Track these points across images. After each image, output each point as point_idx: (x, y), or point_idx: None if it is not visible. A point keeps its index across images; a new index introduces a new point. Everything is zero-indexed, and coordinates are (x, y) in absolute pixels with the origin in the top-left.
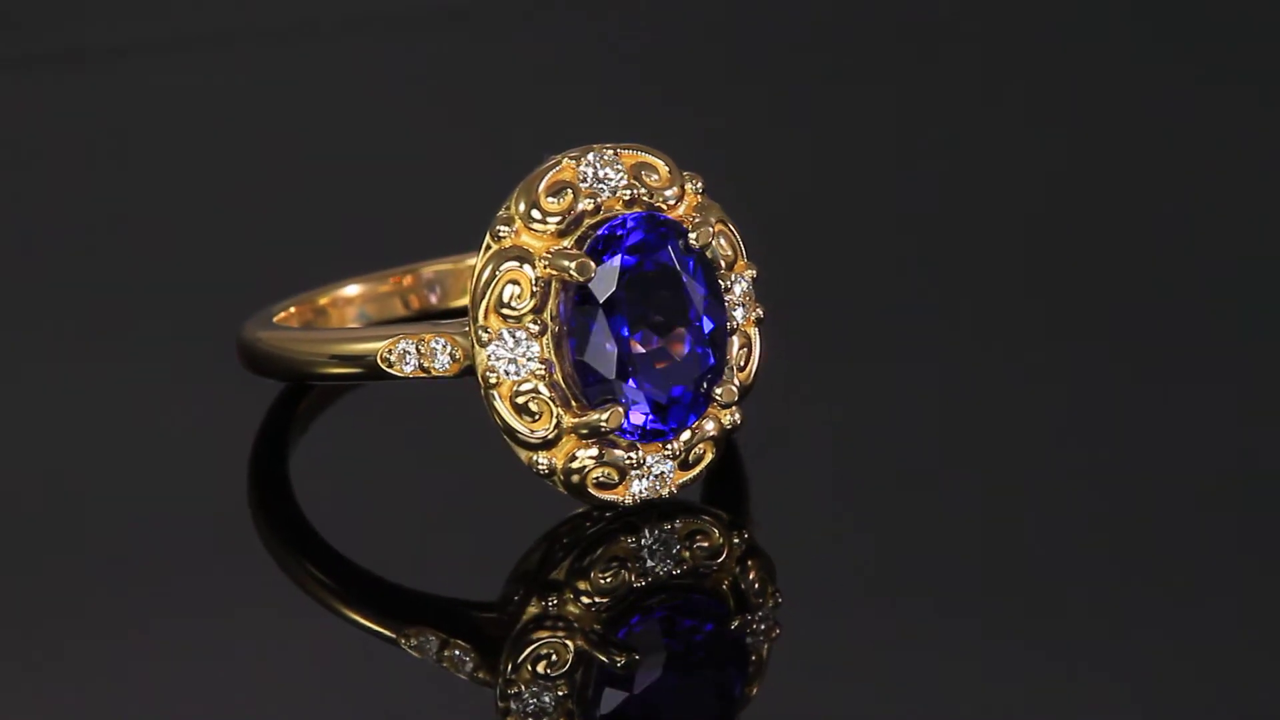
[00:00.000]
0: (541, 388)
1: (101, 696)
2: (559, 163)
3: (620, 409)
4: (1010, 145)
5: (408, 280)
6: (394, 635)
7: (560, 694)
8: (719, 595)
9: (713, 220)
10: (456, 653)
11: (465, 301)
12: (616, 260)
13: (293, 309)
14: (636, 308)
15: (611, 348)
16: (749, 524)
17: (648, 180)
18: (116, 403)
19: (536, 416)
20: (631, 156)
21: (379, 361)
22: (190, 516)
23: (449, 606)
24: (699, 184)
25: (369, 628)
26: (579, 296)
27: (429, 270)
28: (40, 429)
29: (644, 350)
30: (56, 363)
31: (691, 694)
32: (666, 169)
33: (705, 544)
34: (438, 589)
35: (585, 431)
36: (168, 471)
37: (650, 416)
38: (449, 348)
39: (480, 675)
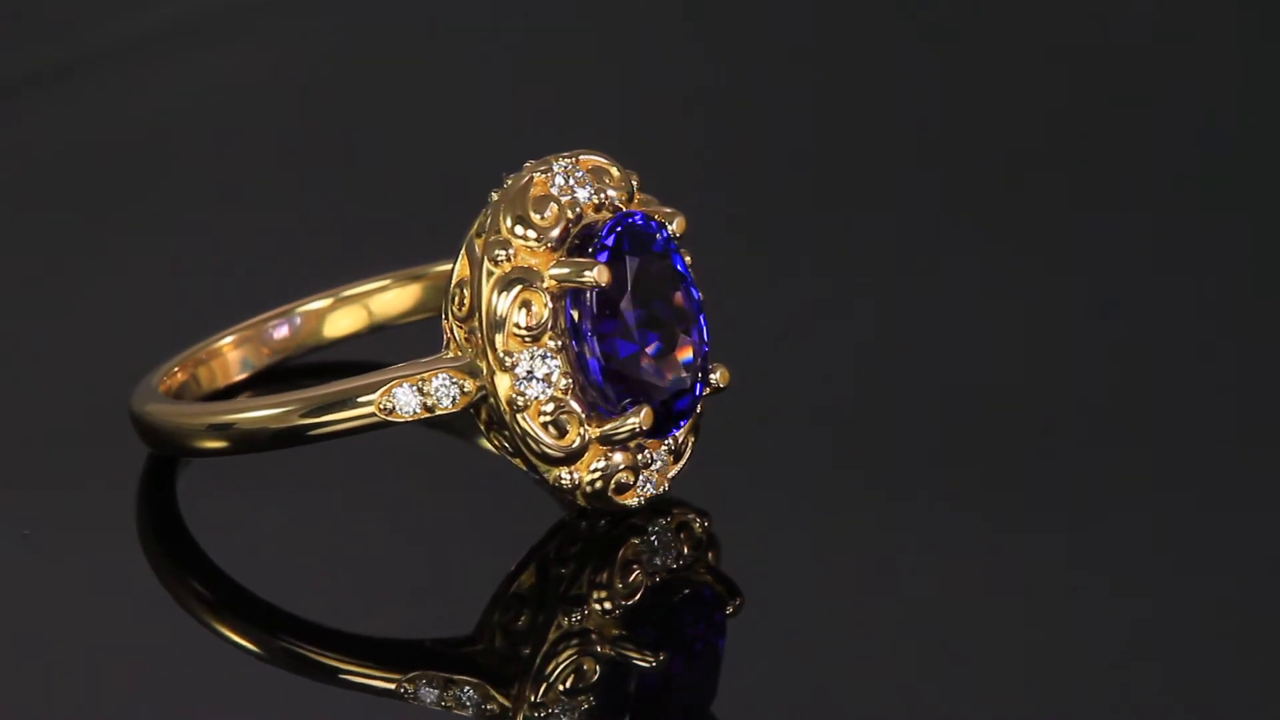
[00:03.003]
0: (567, 402)
1: None
2: (530, 178)
3: (650, 410)
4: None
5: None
6: (391, 687)
7: (587, 707)
8: (708, 585)
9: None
10: (467, 690)
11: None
12: (621, 263)
13: (176, 369)
14: (648, 306)
15: (633, 349)
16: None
17: (606, 183)
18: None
19: (565, 431)
20: (587, 162)
21: (378, 411)
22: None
23: (431, 649)
24: (635, 181)
25: (357, 685)
26: (592, 303)
27: (298, 310)
28: None
29: (661, 348)
30: None
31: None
32: (616, 170)
33: (690, 536)
34: (406, 633)
35: (609, 436)
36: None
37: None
38: (456, 382)
39: (489, 709)
